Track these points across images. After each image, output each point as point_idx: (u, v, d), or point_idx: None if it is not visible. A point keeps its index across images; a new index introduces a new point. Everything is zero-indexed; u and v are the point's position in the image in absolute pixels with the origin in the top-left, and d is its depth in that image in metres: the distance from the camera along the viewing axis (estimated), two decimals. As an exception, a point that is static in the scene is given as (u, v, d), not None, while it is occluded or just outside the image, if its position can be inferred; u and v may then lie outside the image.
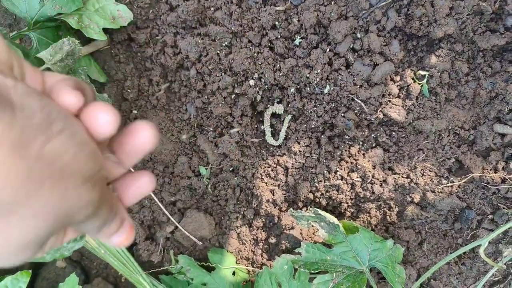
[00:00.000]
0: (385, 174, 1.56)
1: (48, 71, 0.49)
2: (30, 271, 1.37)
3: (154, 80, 1.62)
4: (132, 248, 1.73)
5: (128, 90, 1.62)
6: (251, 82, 1.52)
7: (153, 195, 1.64)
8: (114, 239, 0.51)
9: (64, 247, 1.06)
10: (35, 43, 1.31)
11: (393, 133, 1.53)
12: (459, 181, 1.50)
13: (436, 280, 1.59)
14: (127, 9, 1.42)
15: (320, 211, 1.46)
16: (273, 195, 1.63)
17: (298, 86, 1.52)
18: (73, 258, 1.86)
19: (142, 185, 0.54)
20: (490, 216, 1.49)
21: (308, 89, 1.49)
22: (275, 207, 1.64)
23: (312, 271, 1.42)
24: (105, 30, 1.42)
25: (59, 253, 1.07)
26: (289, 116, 1.57)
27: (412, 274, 1.58)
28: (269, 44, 1.49)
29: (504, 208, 1.46)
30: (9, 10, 1.30)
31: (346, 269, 1.43)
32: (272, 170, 1.63)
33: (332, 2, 1.40)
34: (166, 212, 1.65)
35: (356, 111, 1.50)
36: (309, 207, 1.64)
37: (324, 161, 1.57)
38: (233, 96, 1.56)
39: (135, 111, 1.65)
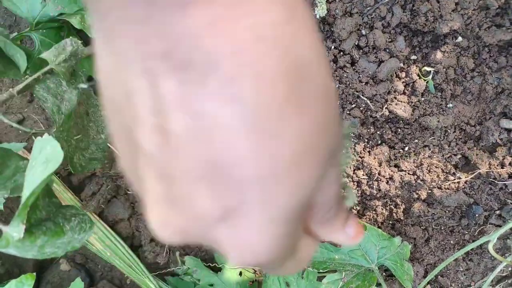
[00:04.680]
0: (391, 171, 1.55)
1: None
2: (35, 274, 1.35)
3: (157, 80, 1.60)
4: (137, 250, 1.72)
5: (131, 91, 1.60)
6: (256, 80, 1.51)
7: (157, 196, 1.63)
8: (347, 230, 0.41)
9: (75, 238, 1.05)
10: (37, 44, 1.29)
11: (399, 130, 1.53)
12: (465, 177, 1.49)
13: (443, 277, 1.59)
14: (130, 9, 1.41)
15: (327, 210, 1.45)
16: (278, 194, 1.63)
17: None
18: (77, 261, 1.84)
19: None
20: (497, 212, 1.49)
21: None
22: (281, 206, 1.63)
23: (321, 270, 1.42)
24: (108, 30, 1.40)
25: (71, 245, 1.04)
26: None
27: (420, 271, 1.58)
28: (273, 42, 1.47)
29: (511, 203, 1.45)
30: (9, 11, 1.29)
31: (355, 268, 1.42)
32: (277, 169, 1.62)
33: (337, -1, 1.39)
34: (171, 213, 1.64)
35: (361, 109, 1.49)
36: (315, 205, 1.63)
37: (330, 159, 1.57)
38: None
39: (138, 112, 1.64)
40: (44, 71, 1.16)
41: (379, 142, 1.56)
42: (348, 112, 1.51)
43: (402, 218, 1.57)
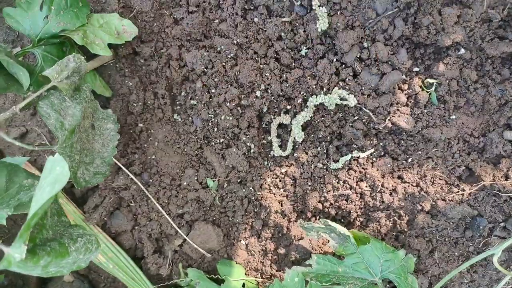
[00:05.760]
0: (395, 183, 1.54)
1: None
2: (39, 289, 1.35)
3: (159, 93, 1.60)
4: (140, 262, 1.72)
5: (134, 104, 1.60)
6: (258, 93, 1.50)
7: (160, 208, 1.63)
8: None
9: (80, 259, 1.05)
10: (40, 60, 1.30)
11: (402, 142, 1.52)
12: (469, 189, 1.49)
13: (448, 288, 1.58)
14: (132, 24, 1.41)
15: (330, 222, 1.45)
16: (281, 205, 1.62)
17: (305, 97, 1.50)
18: (80, 272, 1.84)
19: None
20: (502, 224, 1.48)
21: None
22: (283, 218, 1.63)
23: (324, 283, 1.41)
24: (110, 45, 1.41)
25: (76, 265, 1.05)
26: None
27: (424, 282, 1.57)
28: (275, 55, 1.48)
29: (516, 215, 1.44)
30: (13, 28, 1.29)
31: (359, 281, 1.41)
32: (280, 181, 1.62)
33: (339, 12, 1.38)
34: (174, 225, 1.64)
35: (364, 121, 1.49)
36: (318, 217, 1.62)
37: (333, 171, 1.56)
38: (239, 107, 1.55)
39: (141, 125, 1.64)
40: (47, 88, 1.16)
41: (382, 153, 1.55)
42: (350, 124, 1.50)
43: (405, 229, 1.57)
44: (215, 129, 1.60)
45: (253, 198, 1.63)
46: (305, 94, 1.50)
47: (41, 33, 1.28)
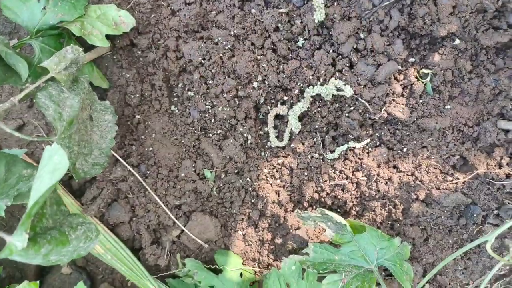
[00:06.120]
0: (390, 172, 1.56)
1: None
2: (38, 282, 1.36)
3: (157, 84, 1.61)
4: (138, 253, 1.73)
5: (131, 96, 1.61)
6: (255, 84, 1.51)
7: (158, 199, 1.64)
8: None
9: (81, 247, 1.05)
10: (37, 52, 1.29)
11: (397, 132, 1.54)
12: (464, 178, 1.51)
13: (442, 276, 1.61)
14: (129, 15, 1.41)
15: (327, 211, 1.46)
16: (278, 196, 1.64)
17: (302, 87, 1.52)
18: (78, 264, 1.85)
19: None
20: (495, 212, 1.51)
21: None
22: (280, 208, 1.65)
23: (321, 271, 1.43)
24: (107, 36, 1.41)
25: (77, 253, 1.05)
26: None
27: (419, 270, 1.59)
28: (272, 46, 1.48)
29: (509, 203, 1.47)
30: (10, 19, 1.29)
31: (355, 269, 1.43)
32: (277, 171, 1.64)
33: (335, 3, 1.39)
34: (172, 216, 1.65)
35: (360, 111, 1.51)
36: (315, 207, 1.64)
37: (329, 161, 1.58)
38: (236, 99, 1.56)
39: (138, 116, 1.65)
40: (45, 79, 1.16)
41: (378, 143, 1.57)
42: (347, 114, 1.52)
43: (401, 218, 1.59)
44: (212, 120, 1.61)
45: (250, 188, 1.65)
46: (301, 85, 1.51)
47: (39, 24, 1.27)
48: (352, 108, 1.51)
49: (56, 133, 1.18)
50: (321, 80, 1.48)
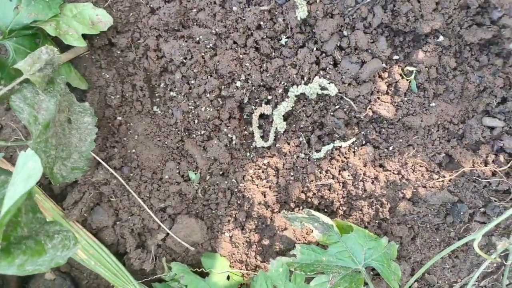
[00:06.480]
0: (376, 171, 1.55)
1: None
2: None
3: (137, 85, 1.57)
4: (123, 258, 1.69)
5: (111, 97, 1.57)
6: (238, 84, 1.49)
7: (142, 203, 1.60)
8: None
9: (58, 256, 1.02)
10: (11, 53, 1.25)
11: (383, 130, 1.53)
12: (450, 176, 1.50)
13: (430, 274, 1.60)
14: (107, 14, 1.38)
15: (313, 212, 1.44)
16: (264, 196, 1.61)
17: (286, 86, 1.49)
18: (62, 269, 1.81)
19: None
20: (482, 209, 1.50)
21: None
22: (267, 209, 1.62)
23: (308, 273, 1.41)
24: (84, 36, 1.37)
25: (54, 262, 1.02)
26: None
27: (407, 269, 1.58)
28: (255, 45, 1.46)
29: (495, 200, 1.46)
30: (-19, 19, 1.24)
31: (342, 270, 1.42)
32: (262, 172, 1.61)
33: (318, 0, 1.37)
34: (157, 219, 1.62)
35: (345, 110, 1.49)
36: (301, 207, 1.62)
37: (315, 160, 1.56)
38: (220, 98, 1.53)
39: (119, 118, 1.61)
40: (19, 82, 1.12)
41: (364, 142, 1.55)
42: (331, 113, 1.50)
43: (388, 217, 1.58)
44: (196, 121, 1.57)
45: (236, 190, 1.62)
46: (285, 84, 1.48)
47: (12, 24, 1.23)
48: (337, 107, 1.49)
49: (32, 137, 1.14)
50: (305, 78, 1.45)
